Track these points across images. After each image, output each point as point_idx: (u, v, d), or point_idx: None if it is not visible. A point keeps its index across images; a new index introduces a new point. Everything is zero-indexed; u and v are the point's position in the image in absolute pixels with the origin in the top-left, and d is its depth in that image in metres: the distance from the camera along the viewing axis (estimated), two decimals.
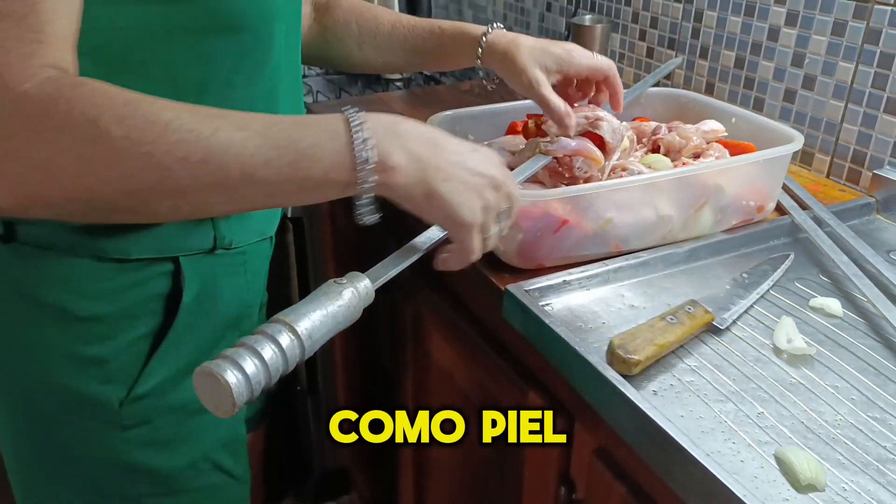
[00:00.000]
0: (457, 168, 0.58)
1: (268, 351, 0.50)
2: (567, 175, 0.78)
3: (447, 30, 0.87)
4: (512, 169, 0.76)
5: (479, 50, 0.82)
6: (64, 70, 0.51)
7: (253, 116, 0.54)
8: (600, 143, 0.79)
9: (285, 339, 0.51)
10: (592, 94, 0.85)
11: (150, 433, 0.70)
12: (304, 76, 1.83)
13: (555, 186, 0.85)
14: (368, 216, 0.59)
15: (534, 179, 0.78)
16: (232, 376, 0.48)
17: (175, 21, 0.59)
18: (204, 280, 0.69)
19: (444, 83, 1.70)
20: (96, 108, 0.49)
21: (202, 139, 0.51)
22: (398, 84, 1.74)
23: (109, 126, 0.49)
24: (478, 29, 0.84)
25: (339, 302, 0.55)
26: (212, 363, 0.48)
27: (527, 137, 0.83)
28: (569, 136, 0.78)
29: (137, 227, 0.63)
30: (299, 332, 0.51)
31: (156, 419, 0.70)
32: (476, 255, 0.61)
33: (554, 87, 0.80)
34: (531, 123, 0.84)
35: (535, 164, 0.76)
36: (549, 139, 0.78)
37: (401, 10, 1.74)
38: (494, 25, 0.82)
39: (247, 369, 0.48)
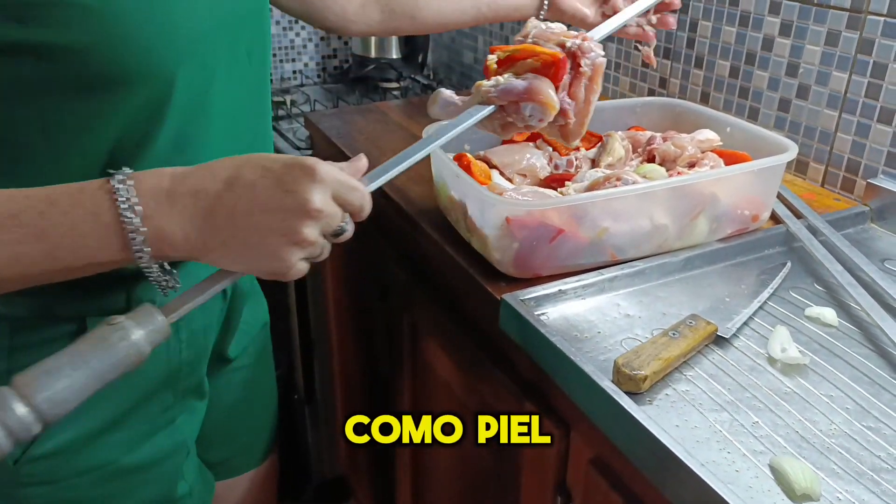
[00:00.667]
0: (248, 220, 0.50)
1: None
2: (520, 125, 0.66)
3: None
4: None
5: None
6: None
7: (2, 201, 0.48)
8: (555, 74, 0.66)
9: (14, 410, 0.44)
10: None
11: (57, 493, 0.66)
12: (300, 85, 1.84)
13: (510, 139, 0.81)
14: (166, 285, 0.53)
15: (487, 131, 0.68)
16: None
17: (32, 81, 0.53)
18: None
19: None
20: None
21: None
22: (395, 93, 1.75)
23: None
24: None
25: (105, 352, 0.47)
26: None
27: (487, 77, 0.68)
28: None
29: (31, 289, 0.54)
30: (35, 402, 0.44)
31: (62, 480, 0.66)
32: (299, 275, 0.54)
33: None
34: (492, 61, 0.69)
35: (471, 116, 0.64)
36: (493, 81, 0.65)
37: (399, 47, 1.76)
38: None
39: None
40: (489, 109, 0.64)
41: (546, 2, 0.91)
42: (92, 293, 0.63)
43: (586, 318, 0.72)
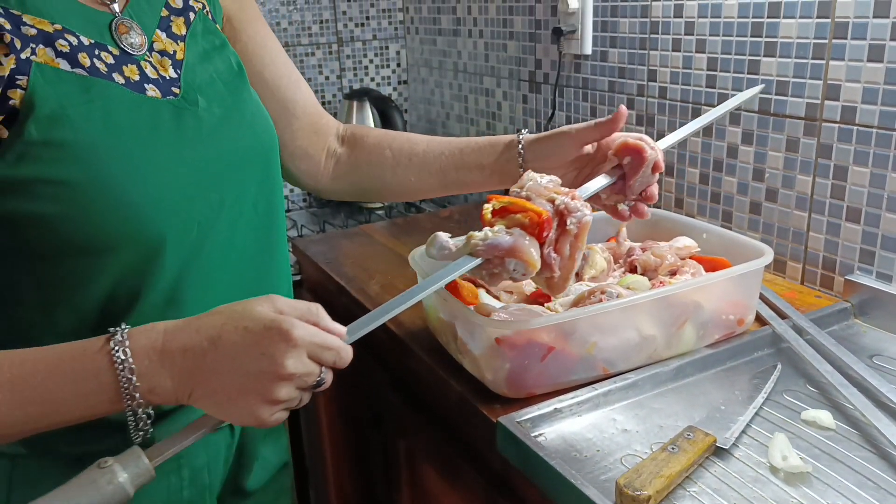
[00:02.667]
0: (227, 378, 0.55)
1: None
2: (505, 277, 0.69)
3: (482, 139, 0.88)
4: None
5: (520, 145, 0.83)
6: None
7: (11, 364, 0.53)
8: (539, 232, 0.68)
9: None
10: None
11: None
12: (287, 210, 1.88)
13: (495, 286, 0.78)
14: (142, 433, 0.57)
15: (477, 279, 0.72)
16: None
17: (20, 245, 0.58)
18: None
19: (424, 210, 1.76)
20: None
21: None
22: (380, 213, 1.80)
23: None
24: (508, 136, 0.86)
25: (91, 494, 0.52)
26: None
27: (482, 223, 0.71)
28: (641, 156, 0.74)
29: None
30: None
31: None
32: (276, 423, 0.58)
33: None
34: (487, 208, 0.71)
35: (460, 267, 0.67)
36: (483, 235, 0.68)
37: None
38: (525, 130, 0.86)
39: None
40: (476, 262, 0.67)
41: (521, 170, 0.85)
42: (94, 434, 0.64)
43: (584, 436, 0.71)
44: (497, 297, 0.89)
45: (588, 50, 1.33)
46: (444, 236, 0.72)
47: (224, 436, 0.77)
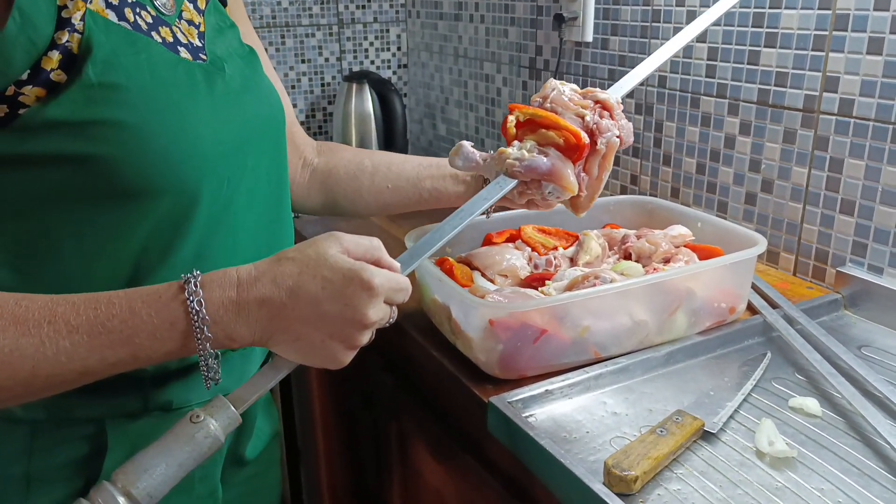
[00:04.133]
0: (311, 327, 0.56)
1: None
2: (538, 199, 0.70)
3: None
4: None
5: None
6: None
7: (85, 308, 0.53)
8: (576, 154, 0.68)
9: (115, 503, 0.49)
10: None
11: None
12: None
13: (527, 209, 0.76)
14: (211, 378, 0.58)
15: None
16: None
17: (68, 188, 0.58)
18: (133, 444, 0.64)
19: None
20: None
21: (27, 357, 0.51)
22: None
23: None
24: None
25: (190, 446, 0.53)
26: None
27: (506, 136, 0.71)
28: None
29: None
30: (136, 496, 0.50)
31: None
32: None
33: None
34: (511, 121, 0.70)
35: (497, 191, 0.67)
36: (519, 154, 0.68)
37: (376, 126, 1.82)
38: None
39: None
40: (513, 184, 0.67)
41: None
42: (110, 397, 0.64)
43: (574, 417, 0.72)
44: (492, 281, 0.89)
45: (589, 37, 1.33)
46: (468, 145, 0.71)
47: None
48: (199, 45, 0.69)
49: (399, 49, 2.02)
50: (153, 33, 0.63)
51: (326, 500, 1.35)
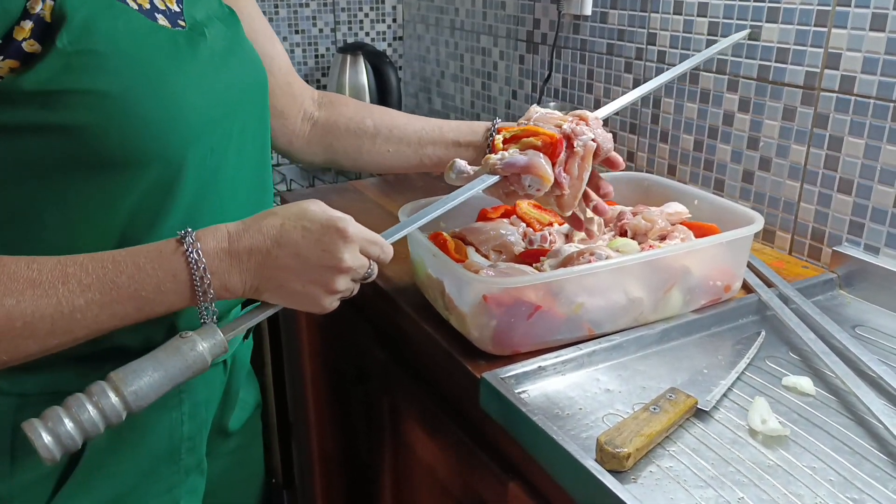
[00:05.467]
0: (293, 273, 0.61)
1: (86, 413, 0.54)
2: (521, 193, 0.76)
3: (462, 122, 0.92)
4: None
5: (494, 124, 0.88)
6: None
7: (94, 267, 0.56)
8: (553, 153, 0.75)
9: (109, 398, 0.55)
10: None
11: None
12: (276, 165, 1.86)
13: (512, 204, 0.86)
14: (208, 317, 0.61)
15: (494, 196, 0.78)
16: (41, 438, 0.53)
17: (50, 159, 0.58)
18: None
19: None
20: None
21: (46, 317, 0.54)
22: None
23: None
24: (485, 122, 0.90)
25: (177, 358, 0.59)
26: (30, 421, 0.53)
27: (493, 152, 0.78)
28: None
29: (38, 362, 0.60)
30: (124, 393, 0.56)
31: None
32: (332, 309, 0.65)
33: None
34: (499, 140, 0.79)
35: (480, 184, 0.74)
36: (500, 156, 0.75)
37: (371, 99, 1.80)
38: (498, 119, 0.89)
39: (59, 431, 0.53)
40: (494, 179, 0.74)
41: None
42: (96, 369, 0.64)
43: (567, 394, 0.71)
44: (486, 256, 0.88)
45: (588, 11, 1.31)
46: (462, 161, 0.78)
47: (218, 373, 0.78)
48: (178, 10, 0.67)
49: (395, 21, 1.99)
50: (129, 0, 0.61)
51: (317, 473, 1.36)
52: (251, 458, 0.92)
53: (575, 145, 0.76)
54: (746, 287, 0.89)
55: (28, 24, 0.54)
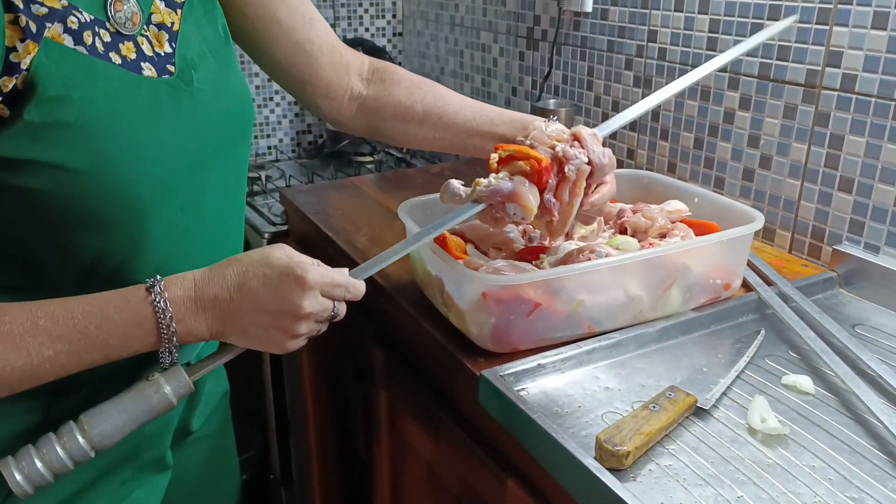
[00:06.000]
0: (254, 319, 0.63)
1: (55, 454, 0.59)
2: (507, 221, 0.73)
3: (516, 114, 0.87)
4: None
5: (551, 119, 0.83)
6: None
7: (63, 319, 0.58)
8: (539, 179, 0.72)
9: (75, 439, 0.59)
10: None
11: None
12: (276, 160, 1.86)
13: (497, 231, 0.83)
14: (168, 360, 0.63)
15: (481, 222, 0.75)
16: (14, 477, 0.58)
17: (8, 211, 0.58)
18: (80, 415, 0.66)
19: (415, 165, 1.74)
20: None
21: (16, 369, 0.56)
22: (369, 167, 1.78)
23: None
24: (540, 119, 0.84)
25: (141, 400, 0.62)
26: (5, 460, 0.58)
27: (489, 171, 0.75)
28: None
29: (26, 398, 0.62)
30: (90, 434, 0.60)
31: None
32: (297, 348, 0.67)
33: None
34: (494, 159, 0.76)
35: (465, 212, 0.73)
36: (487, 182, 0.72)
37: None
38: (554, 118, 0.83)
39: (31, 471, 0.58)
40: (480, 207, 0.72)
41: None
42: (86, 400, 0.65)
43: (566, 392, 0.71)
44: (485, 253, 0.88)
45: (588, 7, 1.30)
46: (456, 183, 0.77)
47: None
48: (169, 51, 0.65)
49: (394, 17, 1.99)
50: (111, 53, 0.60)
51: (315, 470, 1.36)
52: (222, 447, 0.93)
53: (566, 170, 0.72)
54: (746, 285, 0.88)
55: (10, 84, 0.53)
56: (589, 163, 0.74)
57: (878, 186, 0.89)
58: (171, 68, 0.65)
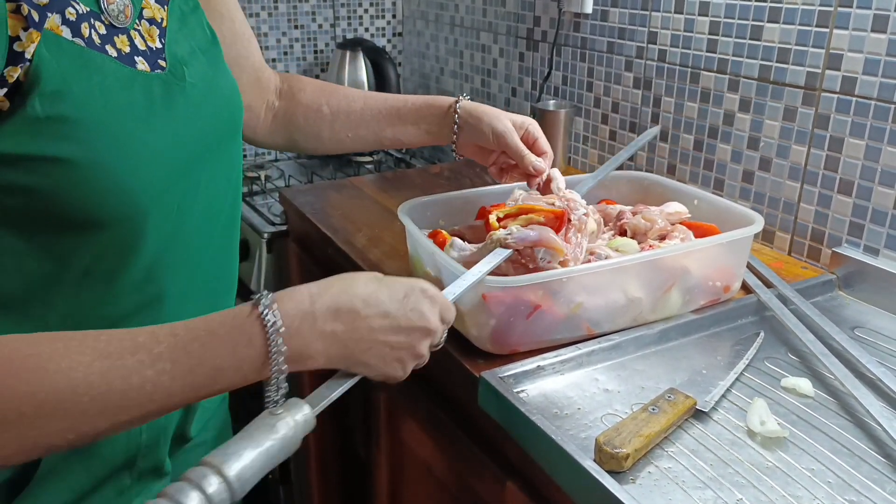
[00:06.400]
0: (379, 334, 0.58)
1: (193, 500, 0.48)
2: (531, 266, 0.77)
3: (419, 99, 0.92)
4: (475, 262, 0.76)
5: (456, 114, 0.89)
6: None
7: (164, 335, 0.52)
8: (558, 226, 0.80)
9: (212, 484, 0.49)
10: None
11: None
12: (275, 160, 1.86)
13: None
14: (277, 394, 0.57)
15: (498, 272, 0.76)
16: None
17: (6, 213, 0.56)
18: (59, 467, 0.63)
19: (414, 166, 1.74)
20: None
21: (115, 391, 0.50)
22: (369, 167, 1.78)
23: (19, 403, 0.48)
24: (448, 98, 0.91)
25: (274, 436, 0.53)
26: None
27: (488, 230, 0.81)
28: (537, 186, 0.86)
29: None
30: (228, 477, 0.50)
31: None
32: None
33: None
34: (493, 218, 0.82)
35: (496, 258, 0.74)
36: (508, 231, 0.77)
37: None
38: (464, 95, 0.90)
39: None
40: (508, 253, 0.75)
41: (455, 136, 0.90)
42: (96, 456, 0.64)
43: (565, 394, 0.71)
44: None
45: (588, 8, 1.30)
46: (459, 241, 0.83)
47: None
48: (160, 46, 0.64)
49: (394, 17, 1.99)
50: (107, 46, 0.59)
51: (314, 469, 1.36)
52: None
53: (572, 218, 0.81)
54: (746, 287, 0.89)
55: (14, 75, 0.52)
56: (585, 215, 0.84)
57: (877, 189, 0.89)
58: (163, 63, 0.64)
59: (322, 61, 1.93)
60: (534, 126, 0.90)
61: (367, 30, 1.96)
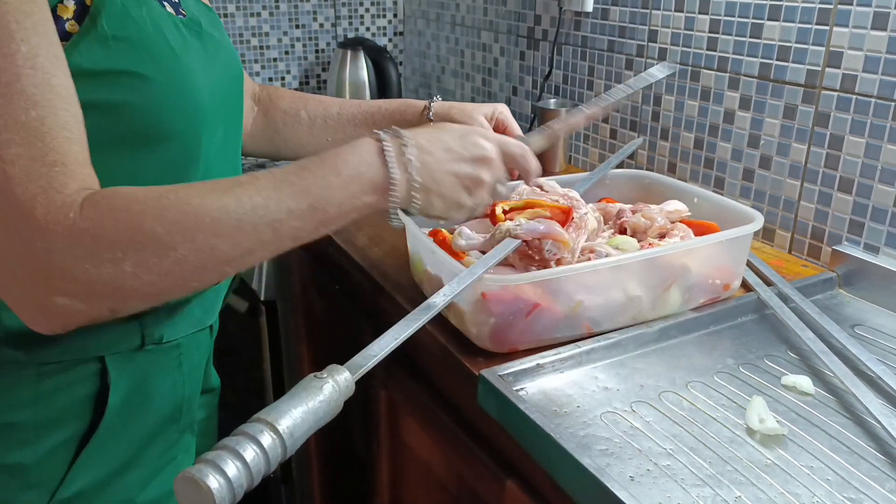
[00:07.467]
0: (445, 164, 0.68)
1: (249, 452, 0.49)
2: (537, 257, 0.78)
3: (393, 103, 0.97)
4: (483, 253, 0.78)
5: (430, 113, 0.94)
6: (90, 187, 0.55)
7: (270, 171, 0.60)
8: (564, 221, 0.83)
9: (267, 438, 0.50)
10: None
11: None
12: (276, 160, 1.86)
13: (525, 269, 0.86)
14: (395, 221, 0.69)
15: (505, 263, 0.78)
16: (214, 481, 0.46)
17: (92, 134, 0.59)
18: (133, 378, 0.69)
19: None
20: (136, 215, 0.54)
21: (230, 212, 0.57)
22: None
23: (154, 227, 0.54)
24: (421, 102, 0.95)
25: (320, 397, 0.54)
26: (193, 468, 0.47)
27: (493, 223, 0.83)
28: (529, 181, 0.87)
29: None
30: (281, 431, 0.51)
31: None
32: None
33: None
34: (499, 209, 0.85)
35: (505, 248, 0.76)
36: (517, 223, 0.79)
37: (371, 95, 1.80)
38: (436, 97, 0.95)
39: (228, 473, 0.47)
40: (517, 243, 0.77)
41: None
42: (110, 333, 0.66)
43: (565, 392, 0.71)
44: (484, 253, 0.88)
45: (589, 7, 1.30)
46: (467, 230, 0.85)
47: (206, 337, 0.81)
48: (176, 0, 0.69)
49: (395, 16, 1.99)
50: None
51: (315, 468, 1.36)
52: (205, 447, 0.95)
53: (575, 217, 0.84)
54: (746, 286, 0.88)
55: (71, 4, 0.57)
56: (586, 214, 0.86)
57: (877, 187, 0.89)
58: (183, 12, 0.69)
59: (323, 61, 1.93)
60: (504, 113, 0.94)
61: (368, 29, 1.97)
